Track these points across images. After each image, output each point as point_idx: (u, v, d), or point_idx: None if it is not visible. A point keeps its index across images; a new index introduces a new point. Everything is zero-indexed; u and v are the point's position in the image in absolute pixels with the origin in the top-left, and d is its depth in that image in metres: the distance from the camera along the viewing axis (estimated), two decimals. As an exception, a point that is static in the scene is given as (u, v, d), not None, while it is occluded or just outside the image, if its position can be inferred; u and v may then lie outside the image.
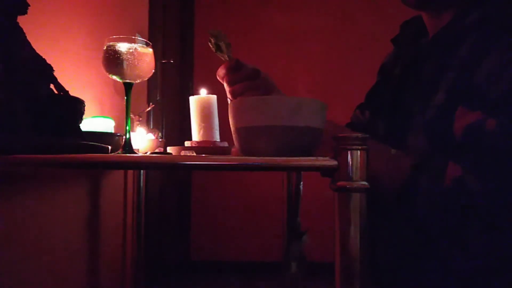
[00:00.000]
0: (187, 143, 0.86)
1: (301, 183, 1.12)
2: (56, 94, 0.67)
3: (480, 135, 0.60)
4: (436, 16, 0.79)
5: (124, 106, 0.71)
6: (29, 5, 0.64)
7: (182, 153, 0.80)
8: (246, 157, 0.53)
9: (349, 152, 0.45)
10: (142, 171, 1.61)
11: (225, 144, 0.86)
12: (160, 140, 1.33)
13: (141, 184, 1.61)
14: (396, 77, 0.87)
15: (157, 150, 1.23)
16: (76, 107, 0.67)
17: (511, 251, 0.63)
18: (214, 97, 0.89)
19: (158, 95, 2.11)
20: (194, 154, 0.78)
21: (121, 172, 1.59)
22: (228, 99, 0.79)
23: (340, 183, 0.45)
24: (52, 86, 0.67)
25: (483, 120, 0.60)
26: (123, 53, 0.68)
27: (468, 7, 0.74)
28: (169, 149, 0.83)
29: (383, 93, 0.90)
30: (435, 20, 0.80)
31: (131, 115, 0.74)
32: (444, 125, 0.66)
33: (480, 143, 0.60)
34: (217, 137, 0.87)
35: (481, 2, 0.72)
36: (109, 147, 0.71)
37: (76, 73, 1.21)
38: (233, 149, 0.61)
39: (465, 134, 0.63)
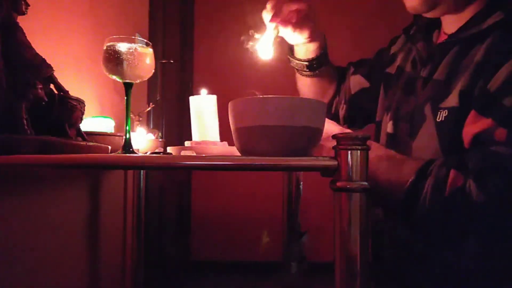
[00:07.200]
0: (187, 143, 0.86)
1: (301, 183, 1.12)
2: (56, 94, 0.67)
3: (488, 145, 0.58)
4: (453, 13, 0.75)
5: (124, 106, 0.71)
6: (29, 5, 0.64)
7: (182, 153, 0.80)
8: (246, 157, 0.53)
9: (349, 152, 0.45)
10: (142, 171, 1.61)
11: (225, 144, 0.86)
12: (160, 140, 1.33)
13: (141, 184, 1.60)
14: (406, 73, 0.84)
15: (157, 150, 1.23)
16: (76, 107, 0.67)
17: (508, 255, 0.62)
18: (214, 97, 0.89)
19: (158, 95, 2.11)
20: (194, 154, 0.78)
21: (121, 172, 1.59)
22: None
23: (340, 183, 0.45)
24: (52, 86, 0.67)
25: (493, 129, 0.58)
26: (123, 53, 0.68)
27: (490, 6, 0.70)
28: (169, 149, 0.83)
29: (392, 88, 0.87)
30: (453, 17, 0.76)
31: (131, 115, 0.74)
32: (455, 129, 0.64)
33: (487, 153, 0.59)
34: (217, 137, 0.87)
35: (503, 2, 0.69)
36: (109, 147, 0.71)
37: (76, 73, 1.21)
38: (233, 149, 0.61)
39: (474, 141, 0.61)
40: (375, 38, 1.13)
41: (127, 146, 0.68)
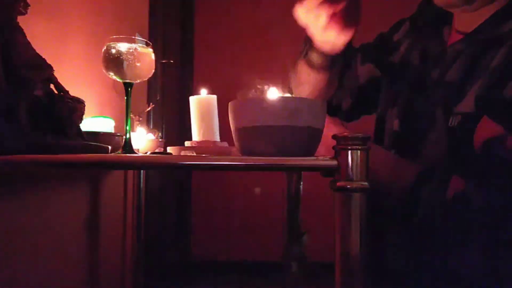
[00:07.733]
0: (187, 143, 0.86)
1: (301, 183, 1.13)
2: (56, 94, 0.67)
3: (498, 152, 0.57)
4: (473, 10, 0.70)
5: (124, 106, 0.71)
6: (29, 5, 0.64)
7: (182, 153, 0.80)
8: (246, 157, 0.53)
9: (349, 152, 0.45)
10: (142, 171, 1.61)
11: (225, 144, 0.86)
12: (160, 140, 1.33)
13: (141, 184, 1.60)
14: (413, 68, 0.80)
15: (157, 150, 1.23)
16: (76, 107, 0.67)
17: (509, 260, 0.62)
18: (214, 97, 0.89)
19: (158, 95, 2.11)
20: (194, 154, 0.78)
21: (121, 172, 1.59)
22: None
23: (340, 183, 0.45)
24: (52, 86, 0.67)
25: (504, 136, 0.57)
26: (123, 53, 0.68)
27: (510, 6, 0.66)
28: (169, 149, 0.83)
29: (397, 80, 0.81)
30: (469, 14, 0.71)
31: (131, 115, 0.74)
32: (467, 134, 0.62)
33: (492, 158, 0.57)
34: (217, 137, 0.87)
35: None
36: (109, 147, 0.71)
37: (76, 73, 1.21)
38: (233, 149, 0.61)
39: (484, 147, 0.59)
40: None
41: (127, 146, 0.68)
